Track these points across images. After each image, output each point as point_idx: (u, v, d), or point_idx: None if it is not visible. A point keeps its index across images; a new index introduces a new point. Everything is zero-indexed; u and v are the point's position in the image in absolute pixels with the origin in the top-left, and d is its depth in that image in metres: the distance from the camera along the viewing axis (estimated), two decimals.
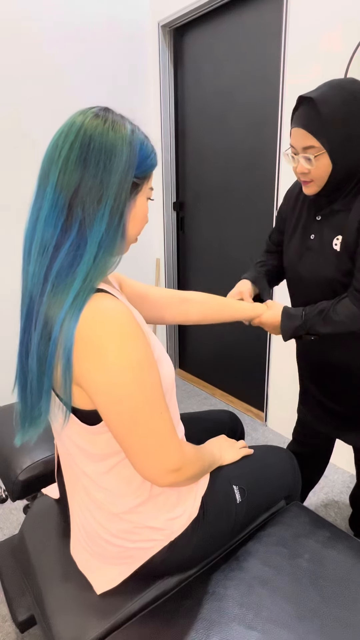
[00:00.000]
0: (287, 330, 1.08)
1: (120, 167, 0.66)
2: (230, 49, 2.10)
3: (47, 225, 0.66)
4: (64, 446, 0.81)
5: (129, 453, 0.70)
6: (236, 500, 0.91)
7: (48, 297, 0.66)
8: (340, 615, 0.79)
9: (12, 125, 2.06)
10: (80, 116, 0.67)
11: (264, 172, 2.04)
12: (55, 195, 0.65)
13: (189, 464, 0.76)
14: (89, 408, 0.70)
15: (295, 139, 0.97)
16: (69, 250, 0.65)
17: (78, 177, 0.65)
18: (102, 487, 0.79)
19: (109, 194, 0.65)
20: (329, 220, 1.03)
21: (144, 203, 0.74)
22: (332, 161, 0.94)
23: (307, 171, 0.97)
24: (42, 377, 0.68)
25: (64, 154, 0.65)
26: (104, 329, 0.64)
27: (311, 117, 0.92)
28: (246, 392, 2.51)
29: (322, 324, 1.02)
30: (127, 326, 0.65)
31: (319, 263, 1.05)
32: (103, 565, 0.85)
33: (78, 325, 0.63)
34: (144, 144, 0.70)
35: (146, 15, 2.39)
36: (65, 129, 0.67)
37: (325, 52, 1.61)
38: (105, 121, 0.67)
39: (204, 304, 1.11)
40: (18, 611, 1.03)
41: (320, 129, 0.91)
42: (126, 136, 0.67)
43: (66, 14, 2.11)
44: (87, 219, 0.65)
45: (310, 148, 0.94)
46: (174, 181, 2.63)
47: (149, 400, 0.68)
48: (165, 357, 0.79)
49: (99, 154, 0.65)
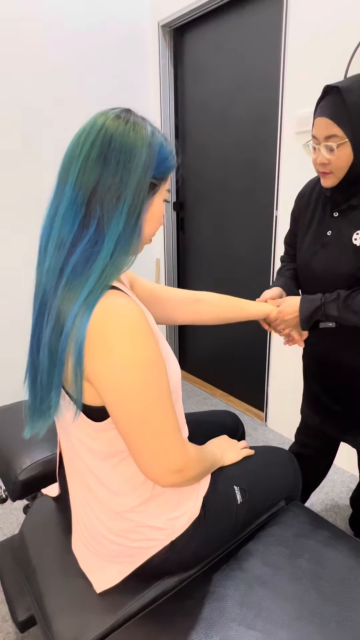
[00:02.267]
0: (305, 312, 1.06)
1: (140, 167, 0.67)
2: (230, 49, 2.10)
3: (65, 221, 0.67)
4: (68, 442, 0.81)
5: (134, 451, 0.71)
6: (237, 500, 0.91)
7: (62, 291, 0.67)
8: (340, 615, 0.79)
9: (12, 126, 2.06)
10: (102, 117, 0.68)
11: (264, 172, 2.04)
12: (74, 192, 0.66)
13: (191, 464, 0.76)
14: (96, 404, 0.71)
15: (318, 128, 0.96)
16: (86, 247, 0.66)
17: (97, 175, 0.65)
18: (104, 485, 0.79)
19: (128, 192, 0.66)
20: (347, 217, 1.03)
21: (161, 204, 0.75)
22: (354, 151, 0.93)
23: (328, 162, 0.97)
24: (52, 370, 0.68)
25: (84, 152, 0.66)
26: (115, 326, 0.64)
27: (336, 106, 0.92)
28: (246, 392, 2.51)
29: (342, 308, 1.00)
30: (138, 324, 0.66)
31: (336, 259, 1.04)
32: (103, 563, 0.85)
33: (90, 321, 0.63)
34: (163, 146, 0.71)
35: (146, 15, 2.39)
36: (87, 128, 0.68)
37: (325, 52, 1.61)
38: (127, 122, 0.68)
39: (216, 304, 1.12)
40: (18, 611, 1.03)
41: (344, 117, 0.91)
42: (146, 137, 0.68)
43: (66, 14, 2.11)
44: (106, 216, 0.66)
45: (333, 137, 0.94)
46: (174, 181, 2.63)
47: (157, 398, 0.68)
48: (172, 358, 0.79)
49: (119, 154, 0.66)
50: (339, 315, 1.01)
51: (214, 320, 1.12)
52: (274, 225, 1.98)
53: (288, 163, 1.85)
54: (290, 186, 1.86)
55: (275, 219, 1.96)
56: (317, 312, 1.05)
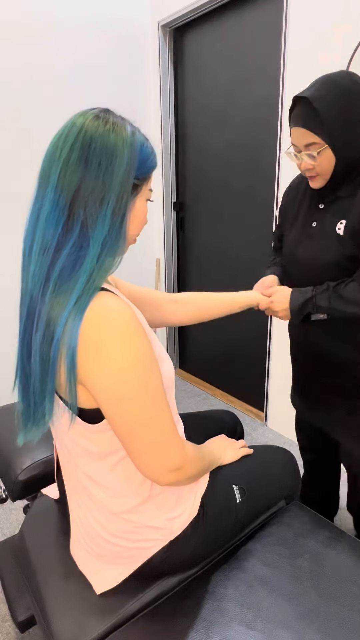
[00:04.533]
0: (296, 305, 1.06)
1: (122, 169, 0.66)
2: (230, 49, 2.09)
3: (48, 225, 0.66)
4: (64, 446, 0.81)
5: (131, 451, 0.70)
6: (236, 499, 0.91)
7: (50, 297, 0.66)
8: (340, 615, 0.79)
9: (12, 126, 2.06)
10: (81, 117, 0.67)
11: (264, 172, 2.04)
12: (56, 195, 0.65)
13: (189, 462, 0.76)
14: (91, 407, 0.70)
15: (295, 138, 0.99)
16: (72, 251, 0.66)
17: (79, 177, 0.65)
18: (102, 487, 0.79)
19: (111, 195, 0.66)
20: (333, 207, 1.04)
21: (144, 204, 0.75)
22: (334, 154, 0.95)
23: (312, 167, 0.99)
24: (45, 378, 0.68)
25: (64, 155, 0.65)
26: (107, 327, 0.64)
27: (308, 115, 0.94)
28: (246, 392, 2.51)
29: (333, 297, 1.00)
30: (130, 325, 0.66)
31: (320, 248, 1.05)
32: (103, 565, 0.85)
33: (82, 325, 0.63)
34: (144, 146, 0.71)
35: (146, 15, 2.39)
36: (66, 130, 0.67)
37: (325, 52, 1.61)
38: (106, 123, 0.67)
39: (192, 303, 1.11)
40: (18, 611, 1.03)
41: (319, 125, 0.93)
42: (127, 138, 0.67)
43: (66, 14, 2.11)
44: (89, 219, 0.66)
45: (312, 145, 0.96)
46: (174, 181, 2.63)
47: (151, 398, 0.68)
48: (165, 356, 0.79)
49: (100, 156, 0.65)
50: (330, 306, 1.01)
51: (195, 318, 1.11)
52: (274, 225, 1.98)
53: (288, 163, 1.85)
54: None
55: (275, 219, 1.96)
56: (308, 304, 1.05)
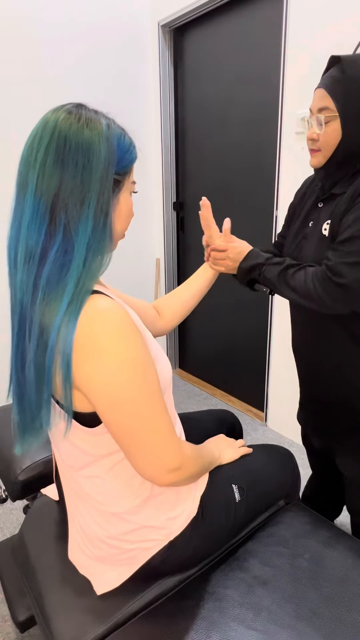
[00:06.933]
0: (246, 264, 1.03)
1: (100, 165, 0.64)
2: (230, 49, 2.10)
3: (31, 231, 0.64)
4: (62, 449, 0.80)
5: (129, 453, 0.70)
6: (235, 499, 0.91)
7: (41, 305, 0.64)
8: (340, 615, 0.79)
9: (11, 126, 2.06)
10: (53, 114, 0.65)
11: (264, 172, 2.04)
12: (35, 200, 0.63)
13: (188, 463, 0.76)
14: (87, 410, 0.70)
15: (314, 100, 0.96)
16: (57, 256, 0.64)
17: (57, 180, 0.63)
18: (101, 489, 0.78)
19: (92, 194, 0.64)
20: (326, 206, 1.01)
21: (128, 198, 0.72)
22: (342, 128, 0.92)
23: (317, 137, 0.95)
24: (41, 387, 0.66)
25: (40, 158, 0.63)
26: (101, 329, 0.63)
27: (333, 77, 0.91)
28: (246, 392, 2.51)
29: (280, 275, 0.98)
30: (124, 326, 0.64)
31: (313, 249, 1.03)
32: (103, 567, 0.85)
33: (76, 329, 0.62)
34: (122, 138, 0.68)
35: (146, 15, 2.40)
36: (40, 130, 0.65)
37: (325, 52, 1.61)
38: (79, 118, 0.64)
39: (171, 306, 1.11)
40: (18, 611, 1.03)
41: (339, 89, 0.90)
42: (102, 132, 0.65)
43: (66, 14, 2.11)
44: (72, 222, 0.64)
45: (325, 109, 0.92)
46: (174, 181, 2.63)
47: (148, 399, 0.67)
48: (162, 355, 0.78)
49: (76, 154, 0.63)
50: (274, 282, 0.99)
51: (181, 317, 1.12)
52: (274, 225, 1.98)
53: (288, 163, 1.85)
54: (290, 186, 1.86)
55: (275, 219, 1.96)
56: (256, 269, 1.02)
